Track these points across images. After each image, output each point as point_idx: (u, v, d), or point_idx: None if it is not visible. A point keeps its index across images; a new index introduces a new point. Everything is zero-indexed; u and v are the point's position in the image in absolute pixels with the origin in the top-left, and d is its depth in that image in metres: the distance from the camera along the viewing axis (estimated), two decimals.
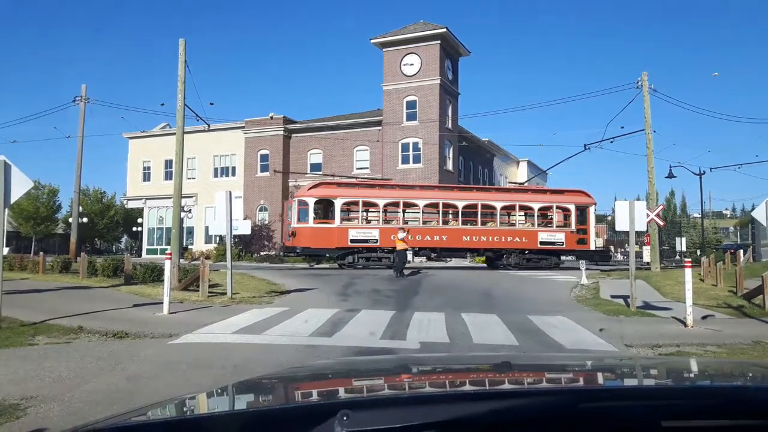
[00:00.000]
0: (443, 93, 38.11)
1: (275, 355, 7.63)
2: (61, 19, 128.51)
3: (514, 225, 27.28)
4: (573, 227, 26.83)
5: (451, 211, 26.79)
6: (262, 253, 38.07)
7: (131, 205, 50.18)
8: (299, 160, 42.14)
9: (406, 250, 21.41)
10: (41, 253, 23.46)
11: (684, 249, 41.75)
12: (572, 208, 26.90)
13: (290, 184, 41.15)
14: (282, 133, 42.14)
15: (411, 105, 38.00)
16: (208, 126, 26.93)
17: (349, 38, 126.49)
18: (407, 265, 22.33)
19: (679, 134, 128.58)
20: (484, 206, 26.77)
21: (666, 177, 34.51)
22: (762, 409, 1.41)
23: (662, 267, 27.58)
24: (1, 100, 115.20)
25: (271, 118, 42.64)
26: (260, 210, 41.67)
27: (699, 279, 18.25)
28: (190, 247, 42.99)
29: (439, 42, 37.73)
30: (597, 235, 28.65)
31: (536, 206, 26.89)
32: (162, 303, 11.54)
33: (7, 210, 11.24)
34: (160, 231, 46.83)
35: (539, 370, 2.23)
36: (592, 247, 27.05)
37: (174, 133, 22.56)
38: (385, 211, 26.26)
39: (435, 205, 26.61)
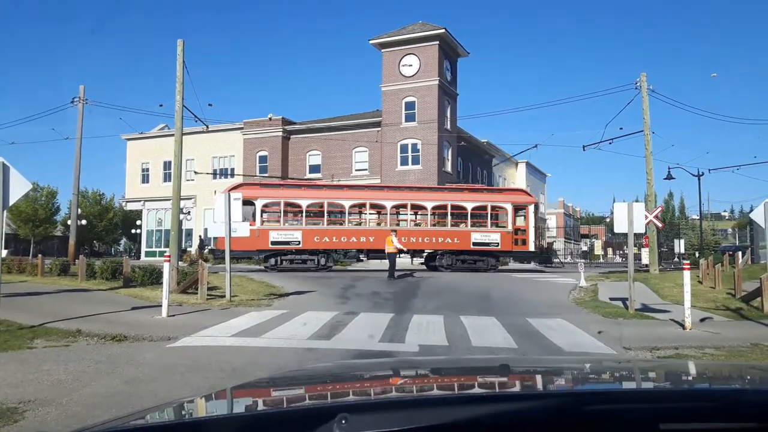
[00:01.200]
0: (442, 94, 38.16)
1: (274, 358, 7.62)
2: (58, 19, 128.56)
3: (446, 225, 26.29)
4: (509, 227, 25.90)
5: (380, 212, 26.45)
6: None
7: (130, 206, 50.16)
8: (298, 162, 42.16)
9: (396, 253, 21.28)
10: (40, 255, 23.41)
11: (682, 251, 41.79)
12: (509, 207, 26.09)
13: None
14: (281, 134, 42.16)
15: (410, 106, 38.03)
16: (207, 127, 26.96)
17: (348, 39, 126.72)
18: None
19: (677, 136, 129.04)
20: (413, 206, 26.34)
21: (665, 178, 34.54)
22: (760, 411, 1.41)
23: (661, 269, 27.59)
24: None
25: (270, 119, 42.66)
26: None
27: (697, 281, 18.27)
28: (188, 249, 42.94)
29: (437, 43, 37.78)
30: (541, 235, 27.84)
31: (469, 206, 26.00)
32: (161, 306, 11.52)
33: (5, 212, 11.22)
34: (158, 233, 46.76)
35: (538, 373, 2.23)
36: (532, 248, 26.08)
37: (172, 135, 22.56)
38: (308, 213, 25.83)
39: (362, 206, 26.38)
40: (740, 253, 30.78)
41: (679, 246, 42.22)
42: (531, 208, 26.41)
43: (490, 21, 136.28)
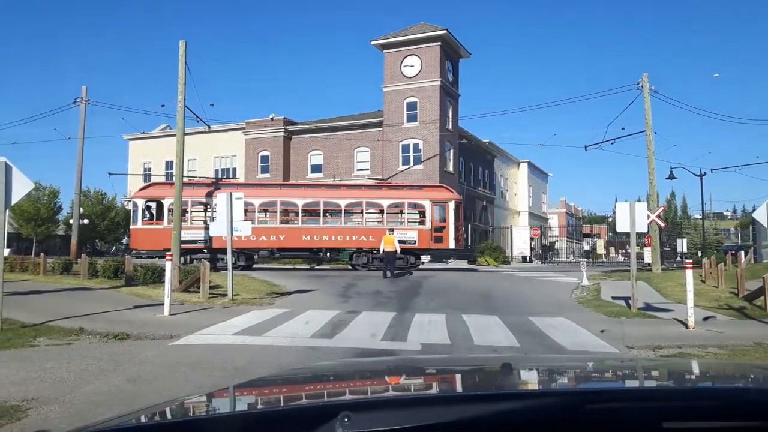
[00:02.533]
0: (444, 94, 38.15)
1: (276, 357, 7.63)
2: (61, 18, 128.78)
3: (360, 223, 25.81)
4: (428, 225, 25.17)
5: (291, 210, 25.86)
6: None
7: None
8: (300, 162, 42.17)
9: (395, 252, 21.13)
10: (42, 254, 23.44)
11: (685, 250, 41.75)
12: (427, 204, 25.34)
13: None
14: (282, 134, 42.18)
15: (411, 106, 38.02)
16: (209, 127, 26.99)
17: (349, 40, 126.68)
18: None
19: (679, 136, 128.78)
20: (327, 204, 25.59)
21: (667, 178, 34.44)
22: (764, 410, 1.40)
23: (663, 268, 27.52)
24: (1, 101, 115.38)
25: (272, 119, 42.68)
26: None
27: (700, 280, 18.23)
28: None
29: (439, 44, 37.77)
30: (463, 232, 26.70)
31: (385, 203, 25.45)
32: (163, 304, 11.54)
33: (8, 211, 11.24)
34: None
35: (541, 372, 2.23)
36: (451, 246, 25.42)
37: (174, 135, 22.57)
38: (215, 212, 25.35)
39: (272, 204, 25.68)
40: (743, 252, 30.72)
41: (682, 245, 42.19)
42: (451, 204, 25.61)
43: (492, 21, 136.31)
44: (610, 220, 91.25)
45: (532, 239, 41.94)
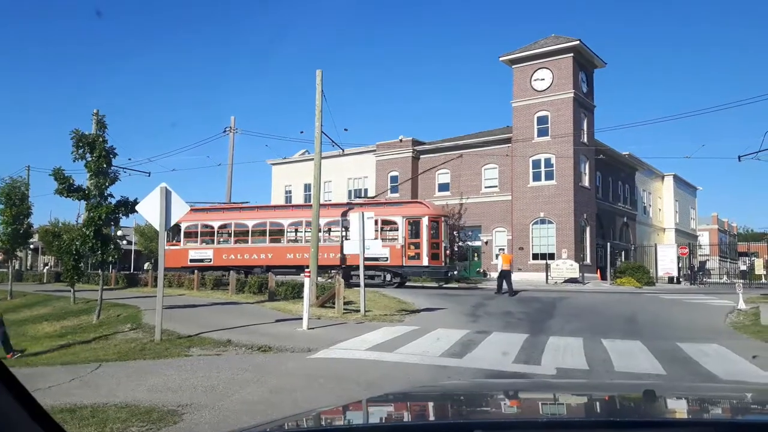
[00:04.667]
0: (577, 106, 36.70)
1: (406, 373, 7.71)
2: (217, 62, 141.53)
3: (338, 241, 26.05)
4: (400, 241, 24.96)
5: (278, 230, 27.76)
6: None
7: None
8: (428, 181, 42.56)
9: (510, 271, 21.47)
10: (195, 271, 25.69)
11: None
12: (399, 220, 25.25)
13: None
14: (411, 154, 42.90)
15: (542, 120, 36.97)
16: (343, 151, 28.27)
17: (475, 58, 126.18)
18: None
19: None
20: (307, 223, 26.03)
21: None
22: None
23: None
24: (162, 134, 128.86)
25: (401, 140, 43.61)
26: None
27: None
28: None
29: (571, 55, 36.48)
30: (444, 248, 25.21)
31: None
32: (302, 319, 12.14)
33: (167, 232, 12.47)
34: None
35: (687, 400, 2.05)
36: (425, 263, 24.72)
37: (312, 159, 23.83)
38: (220, 233, 28.70)
39: (264, 224, 28.00)
40: None
41: None
42: (424, 220, 25.01)
43: (632, 23, 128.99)
44: None
45: (679, 258, 38.62)
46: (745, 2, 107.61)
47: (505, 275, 21.10)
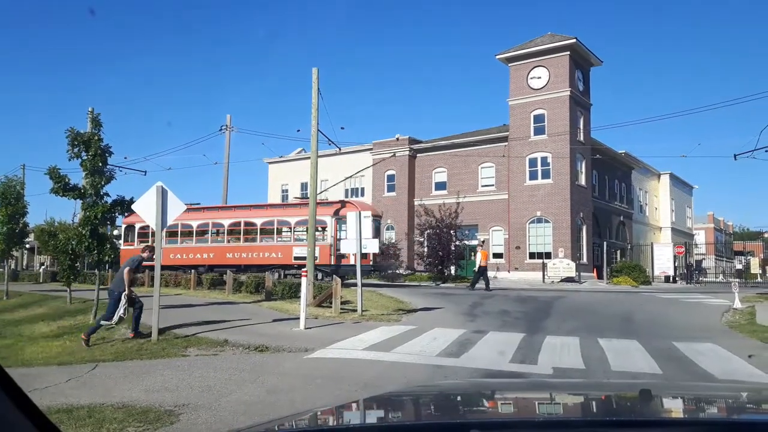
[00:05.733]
0: (574, 105, 36.76)
1: (403, 373, 7.72)
2: (212, 64, 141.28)
3: (272, 241, 27.23)
4: (328, 240, 25.58)
5: (219, 231, 28.56)
6: (389, 272, 38.61)
7: None
8: (424, 179, 42.59)
9: (486, 267, 23.06)
10: (192, 270, 25.65)
11: None
12: (328, 220, 25.81)
13: (415, 203, 41.68)
14: (407, 153, 42.90)
15: (539, 119, 37.02)
16: (339, 149, 28.26)
17: (471, 56, 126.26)
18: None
19: None
20: (246, 223, 27.83)
21: None
22: None
23: None
24: (157, 132, 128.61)
25: (397, 139, 43.61)
26: (387, 229, 42.49)
27: None
28: None
29: (568, 53, 36.53)
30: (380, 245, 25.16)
31: (293, 221, 26.82)
32: (299, 318, 12.14)
33: (164, 231, 12.44)
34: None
35: (683, 399, 2.06)
36: (352, 261, 24.38)
37: (308, 157, 23.81)
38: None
39: (206, 225, 28.71)
40: None
41: None
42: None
43: (628, 22, 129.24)
44: (766, 236, 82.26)
45: (675, 257, 38.69)
46: (741, 1, 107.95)
47: (482, 271, 21.67)
